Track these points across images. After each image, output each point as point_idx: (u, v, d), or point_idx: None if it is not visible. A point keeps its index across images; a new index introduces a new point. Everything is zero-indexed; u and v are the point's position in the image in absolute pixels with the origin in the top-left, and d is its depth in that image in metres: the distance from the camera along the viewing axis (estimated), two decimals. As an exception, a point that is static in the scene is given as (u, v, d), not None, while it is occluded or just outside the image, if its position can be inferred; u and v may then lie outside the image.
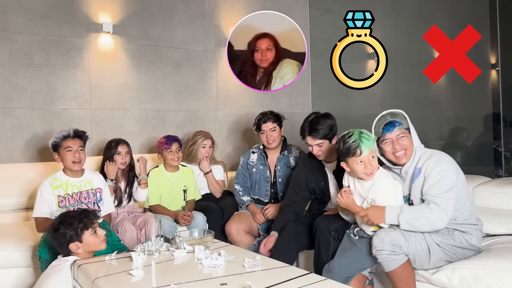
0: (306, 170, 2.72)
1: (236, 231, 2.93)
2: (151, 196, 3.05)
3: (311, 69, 4.55)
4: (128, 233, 2.64)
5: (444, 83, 4.06)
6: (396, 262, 2.00)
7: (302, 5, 4.58)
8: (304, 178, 2.70)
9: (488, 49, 3.79)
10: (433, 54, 3.66)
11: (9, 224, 2.96)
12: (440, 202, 2.02)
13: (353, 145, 2.09)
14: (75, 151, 2.53)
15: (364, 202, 2.15)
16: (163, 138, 3.10)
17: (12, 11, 3.35)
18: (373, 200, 2.11)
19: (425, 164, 2.13)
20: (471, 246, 2.13)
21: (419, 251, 2.04)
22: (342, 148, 2.14)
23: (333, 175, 2.63)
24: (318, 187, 2.67)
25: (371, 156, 2.10)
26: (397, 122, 2.17)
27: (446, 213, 2.02)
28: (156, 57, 3.90)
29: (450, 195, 2.05)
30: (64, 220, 2.07)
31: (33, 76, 3.42)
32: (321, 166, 2.67)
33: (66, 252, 2.06)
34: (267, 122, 3.04)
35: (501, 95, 3.60)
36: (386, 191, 2.10)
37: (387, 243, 1.99)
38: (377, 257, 2.02)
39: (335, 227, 2.36)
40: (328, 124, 2.56)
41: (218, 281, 1.67)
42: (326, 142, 2.56)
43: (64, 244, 2.04)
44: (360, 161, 2.10)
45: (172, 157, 3.06)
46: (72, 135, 2.57)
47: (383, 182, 2.12)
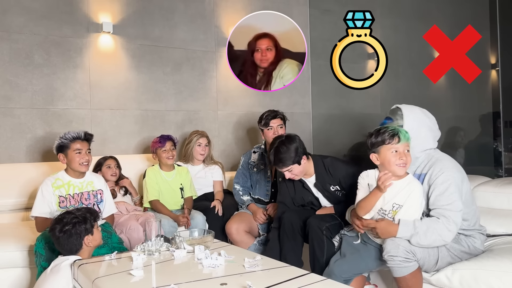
0: (289, 190, 2.69)
1: (236, 231, 2.93)
2: (150, 191, 3.04)
3: (311, 69, 4.55)
4: (135, 232, 2.64)
5: (444, 83, 4.06)
6: (407, 269, 1.94)
7: (302, 5, 4.58)
8: (290, 198, 2.69)
9: (488, 49, 3.78)
10: (433, 54, 3.65)
11: (8, 224, 2.96)
12: (449, 215, 1.97)
13: (391, 132, 2.00)
14: (84, 153, 2.54)
15: (386, 205, 2.03)
16: (156, 138, 3.15)
17: (12, 11, 3.36)
18: (399, 206, 2.00)
19: (429, 172, 2.08)
20: (475, 249, 2.13)
21: (430, 256, 2.01)
22: (376, 138, 2.03)
23: (316, 188, 2.62)
24: (306, 201, 2.67)
25: (407, 149, 2.01)
26: (389, 118, 2.17)
27: (456, 225, 1.98)
28: (156, 57, 3.90)
29: (459, 206, 2.00)
30: (75, 216, 2.09)
31: (33, 76, 3.42)
32: (301, 183, 2.64)
33: (76, 249, 2.07)
34: (277, 118, 3.08)
35: (501, 95, 3.60)
36: (416, 200, 2.00)
37: (402, 250, 1.93)
38: (389, 262, 1.96)
39: (327, 226, 2.38)
40: (293, 149, 2.46)
41: (218, 281, 1.67)
42: (295, 166, 2.48)
43: (78, 240, 2.06)
44: (395, 150, 1.99)
45: (167, 155, 3.07)
46: (82, 137, 2.57)
47: (416, 189, 2.01)
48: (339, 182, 2.55)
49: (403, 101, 2.21)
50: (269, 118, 3.07)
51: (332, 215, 2.49)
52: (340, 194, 2.58)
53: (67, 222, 2.07)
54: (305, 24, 4.50)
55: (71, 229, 2.05)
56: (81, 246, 2.08)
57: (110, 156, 3.14)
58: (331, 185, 2.57)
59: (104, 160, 3.09)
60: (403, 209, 1.99)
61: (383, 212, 2.04)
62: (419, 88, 4.07)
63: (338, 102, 4.41)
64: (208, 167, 3.38)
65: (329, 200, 2.61)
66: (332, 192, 2.58)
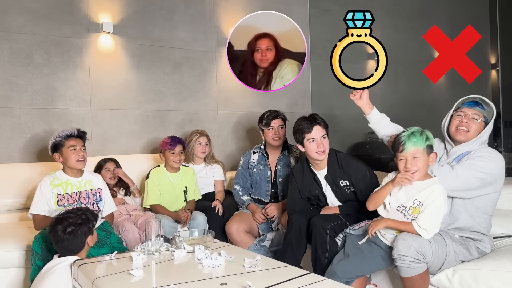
0: (298, 182, 2.70)
1: (236, 230, 2.93)
2: (151, 195, 3.04)
3: (311, 69, 4.56)
4: (130, 233, 2.66)
5: (444, 83, 4.06)
6: (416, 270, 1.94)
7: (302, 5, 4.58)
8: (298, 190, 2.69)
9: (488, 49, 3.78)
10: (433, 54, 3.65)
11: (6, 224, 2.96)
12: (460, 173, 2.05)
13: (399, 141, 2.07)
14: (79, 150, 2.55)
15: (407, 202, 2.04)
16: (167, 139, 3.11)
17: (12, 11, 3.36)
18: (420, 203, 2.01)
19: (479, 149, 2.13)
20: (483, 253, 2.13)
21: (439, 259, 2.01)
22: (394, 142, 2.12)
23: (325, 181, 2.63)
24: (313, 195, 2.67)
25: (414, 156, 2.03)
26: (482, 106, 2.19)
27: (462, 178, 2.05)
28: (156, 57, 3.90)
29: (481, 174, 2.05)
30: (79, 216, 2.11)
31: (33, 76, 3.42)
32: (312, 175, 2.66)
33: (79, 248, 2.08)
34: (278, 118, 3.08)
35: (501, 95, 3.60)
36: (438, 200, 1.99)
37: (413, 250, 1.91)
38: (397, 261, 1.95)
39: (331, 226, 2.36)
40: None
41: (218, 281, 1.67)
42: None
43: (82, 240, 2.08)
44: (402, 158, 2.06)
45: (174, 158, 3.07)
46: (76, 134, 2.59)
47: (439, 190, 2.01)
48: (349, 177, 2.55)
49: (403, 101, 2.22)
50: (270, 118, 3.08)
51: (336, 215, 2.48)
52: (348, 191, 2.57)
53: (72, 223, 2.07)
54: (305, 24, 4.50)
55: (77, 230, 2.06)
56: (83, 246, 2.09)
57: (110, 158, 3.14)
58: (341, 179, 2.57)
59: (104, 162, 3.10)
60: (423, 206, 2.00)
61: (403, 209, 2.05)
62: (419, 88, 4.07)
63: (338, 102, 4.40)
64: (210, 166, 3.38)
65: (336, 196, 2.60)
66: (341, 187, 2.57)
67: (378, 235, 2.12)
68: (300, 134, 2.55)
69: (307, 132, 2.52)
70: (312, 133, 2.52)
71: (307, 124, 2.54)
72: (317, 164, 2.61)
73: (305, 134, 2.53)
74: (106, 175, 3.05)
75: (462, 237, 2.10)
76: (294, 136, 2.61)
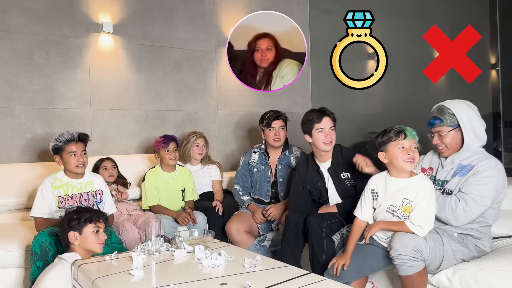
0: (301, 174, 2.72)
1: (237, 230, 2.93)
2: (150, 197, 3.04)
3: (311, 69, 4.55)
4: (130, 233, 2.65)
5: (444, 83, 4.06)
6: (414, 268, 1.94)
7: (302, 5, 4.58)
8: (301, 182, 2.71)
9: (488, 49, 3.79)
10: (433, 54, 3.66)
11: (7, 224, 2.95)
12: (471, 204, 2.01)
13: (396, 130, 2.04)
14: (79, 155, 2.52)
15: (396, 201, 2.03)
16: (160, 138, 3.12)
17: (12, 11, 3.36)
18: (409, 201, 1.99)
19: (480, 163, 2.09)
20: (482, 252, 2.13)
21: (437, 257, 2.00)
22: (382, 137, 2.07)
23: (328, 173, 2.64)
24: (315, 187, 2.68)
25: (413, 146, 2.02)
26: (440, 118, 2.17)
27: (470, 216, 2.02)
28: (156, 57, 3.90)
29: (485, 202, 2.02)
30: (78, 210, 2.14)
31: (33, 76, 3.42)
32: (316, 167, 2.68)
33: (65, 241, 2.09)
34: (279, 119, 3.07)
35: (501, 95, 3.60)
36: (428, 196, 1.99)
37: (410, 249, 1.91)
38: (395, 260, 1.95)
39: (327, 224, 2.38)
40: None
41: (218, 281, 1.67)
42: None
43: (66, 231, 2.07)
44: (402, 146, 2.01)
45: (169, 156, 3.07)
46: (76, 139, 2.54)
47: (428, 187, 2.00)
48: (350, 169, 2.56)
49: (403, 101, 2.22)
50: (271, 119, 3.07)
51: (333, 214, 2.49)
52: (348, 184, 2.59)
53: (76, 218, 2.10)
54: (305, 24, 4.50)
55: (64, 217, 2.12)
56: (66, 240, 2.09)
57: (107, 158, 3.12)
58: (342, 171, 2.59)
59: (101, 162, 3.07)
60: (414, 204, 1.99)
61: (393, 209, 2.04)
62: (419, 88, 4.07)
63: (338, 102, 4.41)
64: (206, 166, 3.38)
65: (336, 190, 2.61)
66: (342, 180, 2.59)
67: (375, 239, 2.12)
68: (310, 124, 2.61)
69: (317, 122, 2.59)
70: (321, 123, 2.58)
71: (317, 114, 2.60)
72: (322, 156, 2.63)
73: (314, 124, 2.59)
74: (104, 173, 3.01)
75: (461, 235, 2.09)
76: (302, 127, 2.65)
